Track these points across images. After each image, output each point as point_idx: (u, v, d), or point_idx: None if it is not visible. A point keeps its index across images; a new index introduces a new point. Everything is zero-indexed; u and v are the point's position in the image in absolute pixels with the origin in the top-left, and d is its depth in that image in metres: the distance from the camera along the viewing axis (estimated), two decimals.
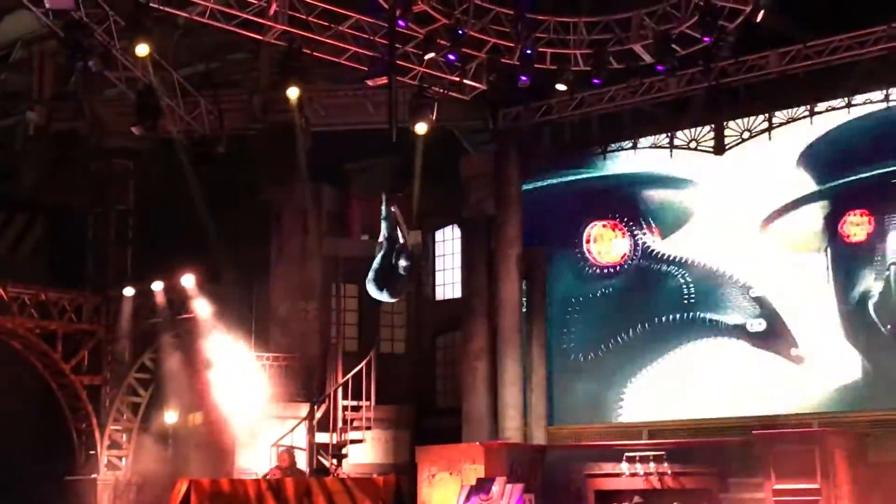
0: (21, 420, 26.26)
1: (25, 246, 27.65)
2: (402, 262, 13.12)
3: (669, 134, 20.71)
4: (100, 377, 24.27)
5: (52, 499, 23.14)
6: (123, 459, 24.20)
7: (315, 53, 19.60)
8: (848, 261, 18.80)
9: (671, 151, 20.74)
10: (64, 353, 24.04)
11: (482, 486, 17.86)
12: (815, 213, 19.25)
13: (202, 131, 21.23)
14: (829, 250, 19.01)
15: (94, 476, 23.92)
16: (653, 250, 20.90)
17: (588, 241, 21.52)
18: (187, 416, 24.22)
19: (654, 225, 20.94)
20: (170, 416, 24.25)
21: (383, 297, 13.42)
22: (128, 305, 24.25)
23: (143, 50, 17.40)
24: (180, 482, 7.86)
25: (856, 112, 18.91)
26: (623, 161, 21.37)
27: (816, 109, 19.26)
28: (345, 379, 21.36)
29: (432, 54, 19.05)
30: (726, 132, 19.84)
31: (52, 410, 25.14)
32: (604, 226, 21.47)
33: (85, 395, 24.11)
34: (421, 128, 18.81)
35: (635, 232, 21.11)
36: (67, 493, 23.74)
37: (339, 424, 21.19)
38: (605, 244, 21.44)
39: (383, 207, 13.56)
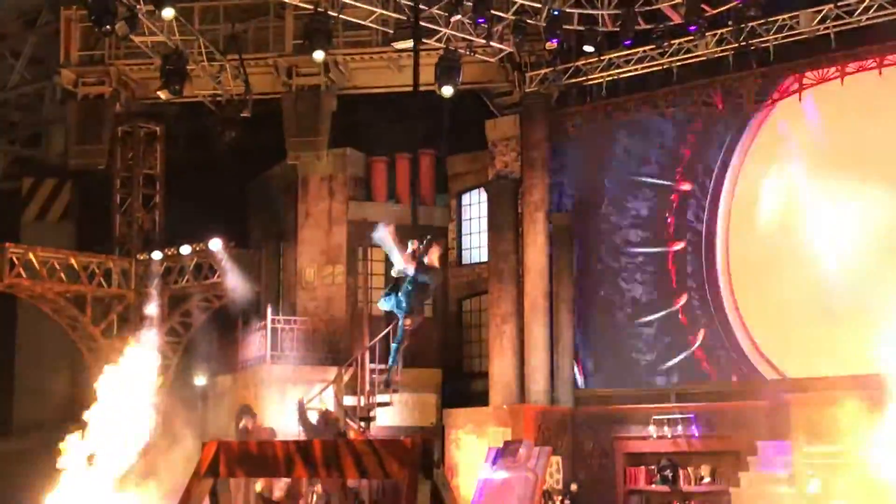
0: (51, 384, 26.53)
1: (54, 211, 27.81)
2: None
3: (698, 95, 20.52)
4: (129, 341, 24.38)
5: None
6: (153, 421, 24.34)
7: (341, 16, 19.55)
8: None
9: (700, 112, 20.56)
10: (93, 316, 24.20)
11: (509, 449, 17.92)
12: None
13: (228, 95, 21.22)
14: None
15: None
16: None
17: None
18: (216, 378, 24.38)
19: None
20: (199, 379, 24.40)
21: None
22: (156, 269, 24.35)
23: (168, 13, 17.38)
24: (209, 444, 7.88)
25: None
26: None
27: (847, 70, 18.99)
28: (372, 342, 21.39)
29: (458, 16, 18.94)
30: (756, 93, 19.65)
31: (82, 374, 25.35)
32: None
33: (114, 359, 24.24)
34: (447, 90, 18.73)
35: None
36: None
37: (367, 387, 21.25)
38: None
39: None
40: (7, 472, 23.30)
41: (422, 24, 18.64)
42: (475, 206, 24.36)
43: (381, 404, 21.35)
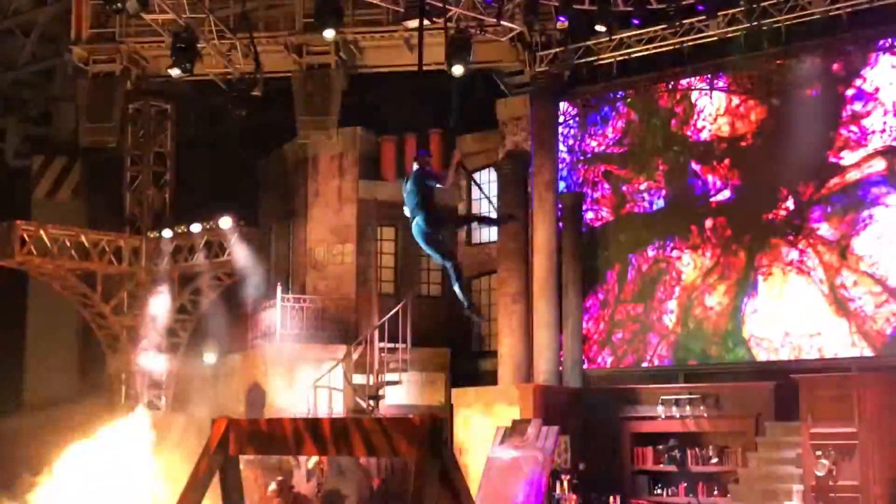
0: (62, 361, 26.66)
1: (65, 188, 27.88)
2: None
3: (710, 76, 20.46)
4: (139, 318, 24.49)
5: None
6: (163, 399, 24.49)
7: None
8: None
9: (711, 94, 20.53)
10: (104, 294, 24.28)
11: (518, 428, 17.96)
12: None
13: (239, 74, 21.22)
14: None
15: None
16: None
17: None
18: (226, 356, 24.47)
19: None
20: (209, 357, 24.50)
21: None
22: (166, 247, 24.41)
23: None
24: (219, 421, 7.93)
25: None
26: None
27: (859, 51, 18.87)
28: (381, 321, 21.47)
29: None
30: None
31: (92, 351, 25.48)
32: None
33: (124, 336, 24.36)
34: (457, 70, 18.70)
35: None
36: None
37: (376, 366, 21.34)
38: None
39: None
40: (17, 449, 23.44)
41: (432, 2, 18.59)
42: (485, 185, 24.35)
43: (389, 383, 21.46)
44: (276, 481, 15.79)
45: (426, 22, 18.31)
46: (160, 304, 24.01)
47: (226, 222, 23.31)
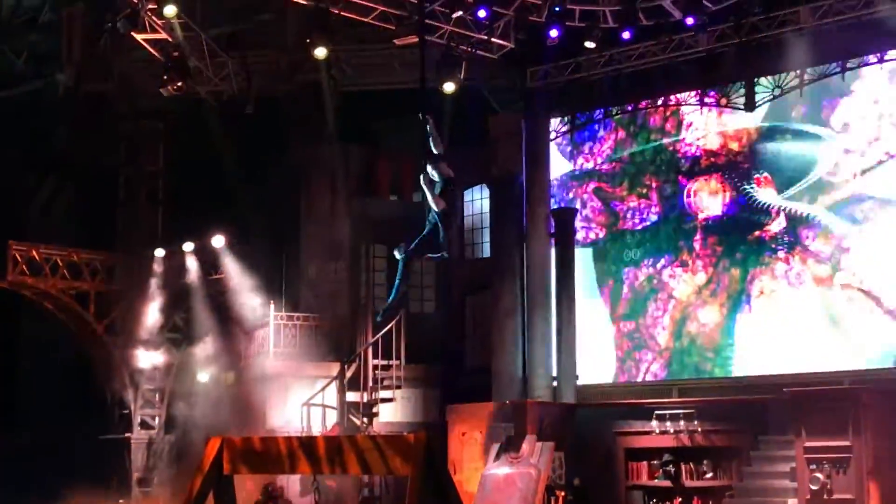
0: (54, 380, 26.57)
1: (57, 207, 27.81)
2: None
3: (699, 91, 20.52)
4: (132, 337, 24.42)
5: (86, 458, 23.40)
6: (156, 419, 24.42)
7: (342, 12, 19.57)
8: None
9: (701, 109, 20.59)
10: (96, 313, 24.23)
11: (512, 445, 17.96)
12: None
13: (231, 92, 21.24)
14: None
15: (127, 435, 24.16)
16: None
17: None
18: (219, 375, 24.41)
19: None
20: (202, 376, 24.44)
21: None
22: (159, 266, 24.38)
23: (170, 10, 17.40)
24: (213, 440, 7.94)
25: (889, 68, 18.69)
26: None
27: (848, 65, 18.97)
28: (375, 338, 21.45)
29: (460, 12, 18.96)
30: (757, 89, 19.66)
31: (85, 371, 25.39)
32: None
33: (118, 355, 24.29)
34: (449, 87, 18.77)
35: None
36: (101, 452, 23.99)
37: (370, 383, 21.32)
38: None
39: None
40: (12, 468, 23.37)
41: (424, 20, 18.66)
42: (478, 201, 24.38)
43: (383, 400, 21.44)
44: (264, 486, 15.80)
45: (416, 39, 18.45)
46: (153, 323, 23.95)
47: (218, 240, 23.30)
